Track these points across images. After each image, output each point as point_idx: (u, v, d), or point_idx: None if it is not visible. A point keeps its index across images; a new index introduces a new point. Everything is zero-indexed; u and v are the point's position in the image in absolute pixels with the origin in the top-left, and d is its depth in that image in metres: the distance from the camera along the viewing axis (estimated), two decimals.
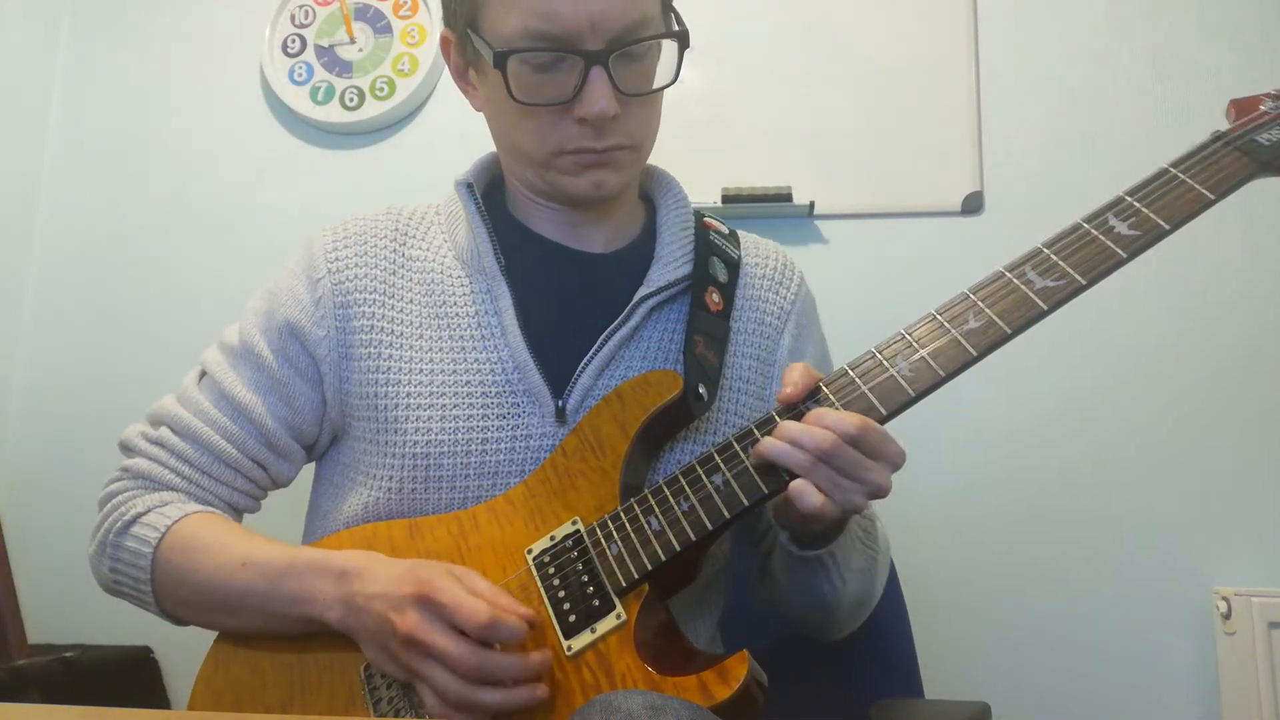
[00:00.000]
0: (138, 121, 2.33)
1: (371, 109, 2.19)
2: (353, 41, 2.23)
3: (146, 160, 2.31)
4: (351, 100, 2.21)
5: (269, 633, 0.99)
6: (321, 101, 2.22)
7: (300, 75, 2.24)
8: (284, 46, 2.26)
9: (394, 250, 1.12)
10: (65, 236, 2.32)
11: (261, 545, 1.01)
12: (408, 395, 1.04)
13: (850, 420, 0.88)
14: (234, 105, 2.30)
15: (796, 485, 0.88)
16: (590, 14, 0.96)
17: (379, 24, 2.24)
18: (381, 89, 2.20)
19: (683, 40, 1.03)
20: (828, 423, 0.88)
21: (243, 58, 2.31)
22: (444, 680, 0.84)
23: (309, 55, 2.25)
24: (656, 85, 1.05)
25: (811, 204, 1.99)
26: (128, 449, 1.11)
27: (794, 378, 0.94)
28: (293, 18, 2.27)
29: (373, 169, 2.21)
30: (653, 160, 1.17)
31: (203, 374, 1.12)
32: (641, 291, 1.08)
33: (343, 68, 2.23)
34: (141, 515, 1.04)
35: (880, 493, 0.90)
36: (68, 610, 2.04)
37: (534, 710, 0.86)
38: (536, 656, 0.87)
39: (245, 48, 2.30)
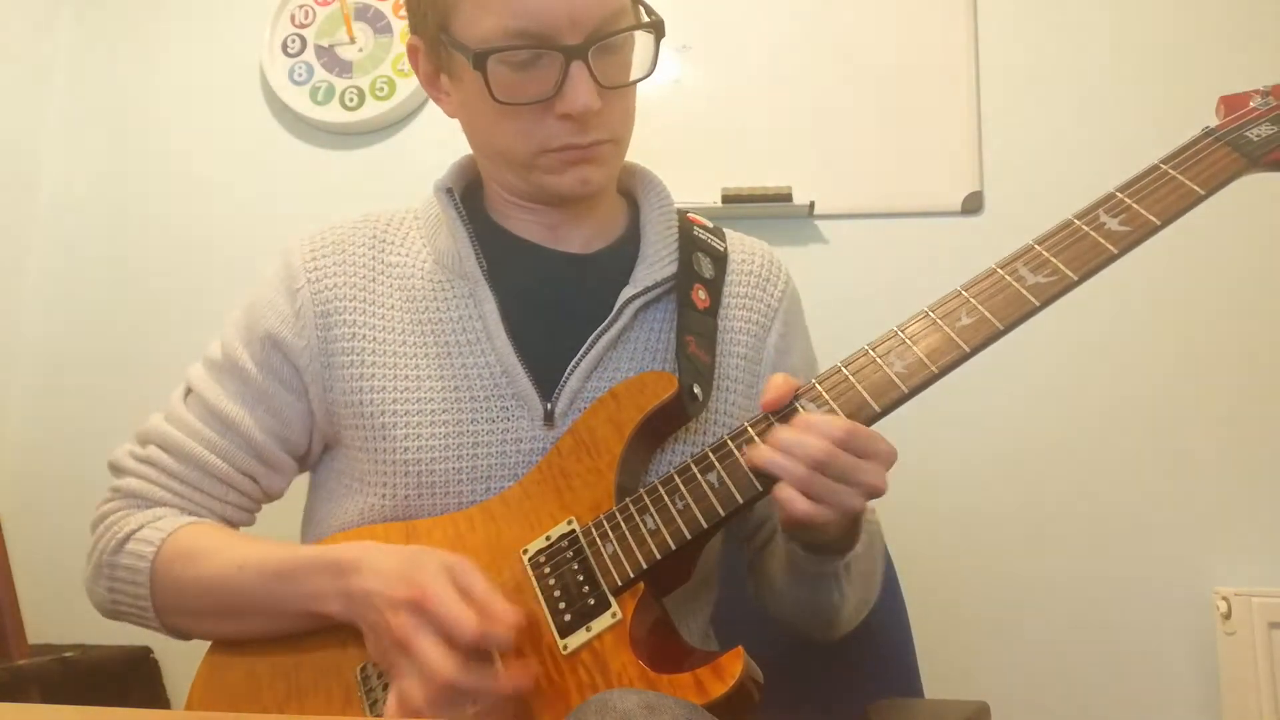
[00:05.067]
0: (137, 122, 2.34)
1: (371, 109, 2.20)
2: (353, 41, 2.24)
3: (146, 160, 2.32)
4: (351, 100, 2.21)
5: (274, 632, 0.99)
6: (321, 101, 2.22)
7: (300, 75, 2.24)
8: (284, 46, 2.27)
9: (372, 257, 1.11)
10: (64, 237, 2.32)
11: (257, 547, 1.01)
12: (394, 402, 1.04)
13: (837, 424, 0.88)
14: (234, 105, 2.31)
15: (782, 491, 0.87)
16: (569, 9, 0.96)
17: (379, 24, 2.24)
18: (381, 89, 2.20)
19: (658, 30, 1.03)
20: (816, 428, 0.88)
21: (243, 58, 2.31)
22: (410, 685, 0.84)
23: (309, 55, 2.25)
24: (634, 77, 1.05)
25: (811, 204, 1.99)
26: (117, 470, 1.10)
27: (774, 384, 0.94)
28: (293, 18, 2.28)
29: (373, 169, 2.22)
30: (654, 160, 1.17)
31: (189, 391, 1.12)
32: (627, 292, 1.07)
33: (343, 68, 2.23)
34: (135, 531, 1.04)
35: (876, 492, 0.89)
36: (68, 610, 2.02)
37: (524, 709, 0.87)
38: (513, 677, 0.87)
39: (245, 48, 2.31)
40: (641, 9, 1.05)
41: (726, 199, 1.99)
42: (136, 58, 2.37)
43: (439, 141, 2.18)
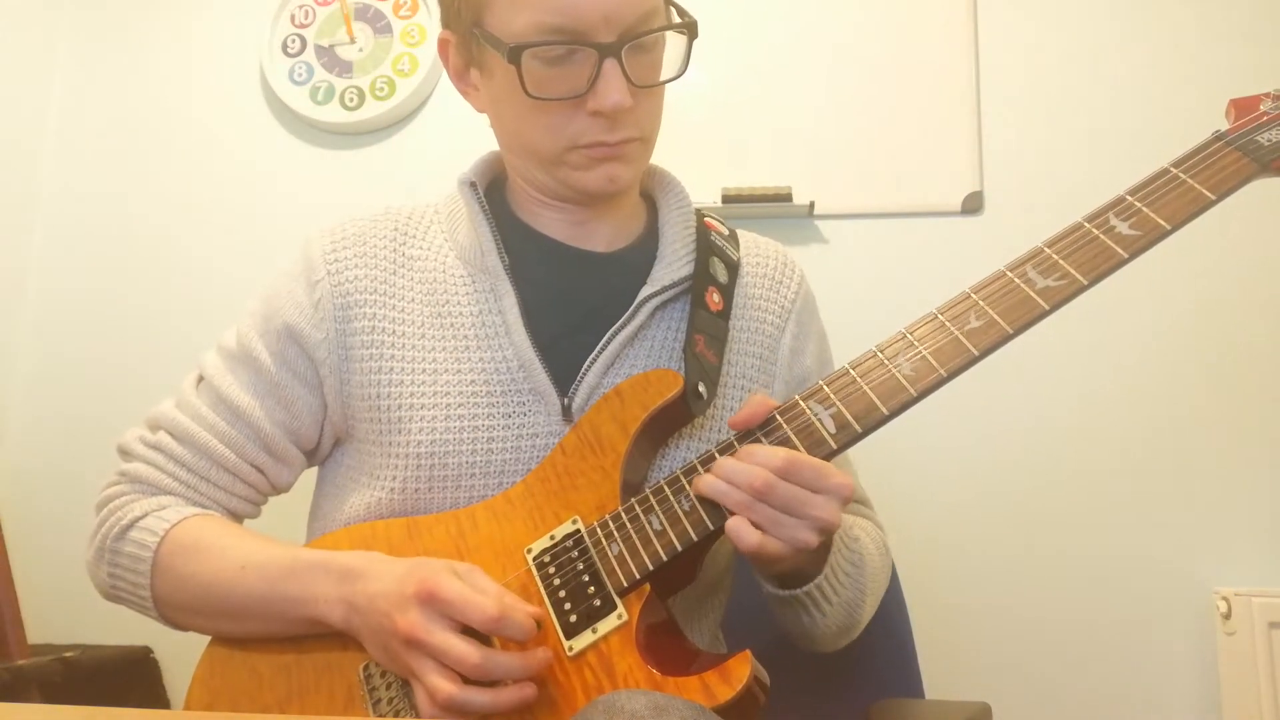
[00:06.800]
0: (138, 122, 2.34)
1: (371, 109, 2.20)
2: (353, 41, 2.23)
3: (147, 161, 2.31)
4: (351, 100, 2.21)
5: (269, 635, 0.98)
6: (321, 101, 2.22)
7: (300, 75, 2.24)
8: (284, 46, 2.26)
9: (393, 250, 1.11)
10: (66, 237, 2.32)
11: (261, 546, 1.00)
12: (411, 395, 1.04)
13: (777, 454, 0.88)
14: (234, 105, 2.30)
15: (732, 524, 0.88)
16: (604, 8, 0.96)
17: (379, 24, 2.24)
18: (381, 89, 2.20)
19: (692, 31, 1.04)
20: (758, 458, 0.88)
21: (243, 58, 2.31)
22: (436, 680, 0.83)
23: (309, 55, 2.25)
24: (665, 77, 1.05)
25: (811, 204, 1.99)
26: (125, 454, 1.10)
27: (751, 401, 0.94)
28: (293, 18, 2.27)
29: (373, 169, 2.21)
30: (652, 160, 1.17)
31: (200, 378, 1.12)
32: (646, 291, 1.07)
33: (343, 68, 2.23)
34: (140, 519, 1.04)
35: (828, 527, 0.88)
36: (68, 610, 2.03)
37: (528, 710, 0.86)
38: (539, 654, 0.86)
39: (245, 48, 2.31)
40: (674, 10, 1.06)
41: (726, 199, 1.99)
42: (136, 58, 2.36)
43: (439, 142, 2.19)
